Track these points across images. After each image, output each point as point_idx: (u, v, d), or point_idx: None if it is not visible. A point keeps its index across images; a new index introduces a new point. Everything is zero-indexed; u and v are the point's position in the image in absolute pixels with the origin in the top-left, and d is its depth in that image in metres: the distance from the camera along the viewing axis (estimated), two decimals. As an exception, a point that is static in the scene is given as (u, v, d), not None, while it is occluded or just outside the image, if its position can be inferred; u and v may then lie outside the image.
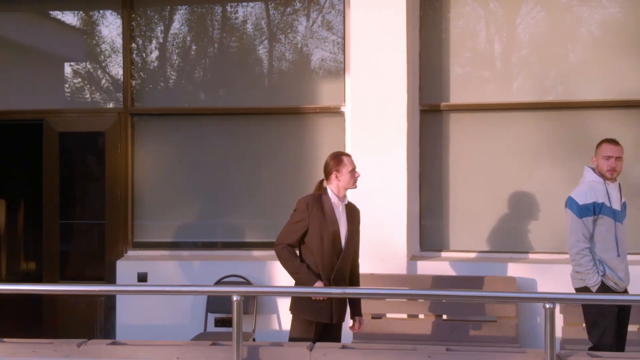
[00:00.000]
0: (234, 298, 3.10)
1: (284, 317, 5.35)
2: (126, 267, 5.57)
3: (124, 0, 5.85)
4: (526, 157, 5.44)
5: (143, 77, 5.95)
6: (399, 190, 5.18)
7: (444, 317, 5.08)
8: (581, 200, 4.10)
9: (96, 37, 6.05)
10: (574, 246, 4.11)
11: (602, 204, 4.08)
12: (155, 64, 5.97)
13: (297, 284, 3.86)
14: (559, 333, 4.83)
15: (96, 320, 5.79)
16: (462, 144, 5.53)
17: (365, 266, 5.10)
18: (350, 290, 3.74)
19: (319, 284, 3.76)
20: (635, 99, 5.25)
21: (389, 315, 5.11)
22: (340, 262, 3.88)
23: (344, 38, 5.55)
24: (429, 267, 5.26)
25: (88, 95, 6.08)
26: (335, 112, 5.56)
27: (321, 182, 4.08)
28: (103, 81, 6.08)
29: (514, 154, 5.46)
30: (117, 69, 5.94)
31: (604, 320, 4.07)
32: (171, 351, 3.22)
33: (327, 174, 4.00)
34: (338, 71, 5.62)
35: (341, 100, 5.54)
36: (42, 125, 5.86)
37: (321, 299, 3.76)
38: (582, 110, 5.37)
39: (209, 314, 5.29)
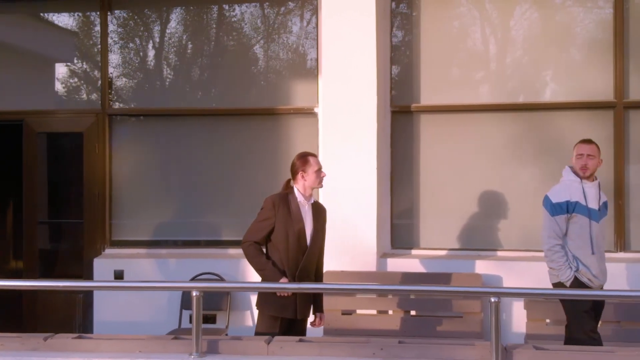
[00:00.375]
0: (194, 294, 3.21)
1: (257, 314, 5.47)
2: (103, 265, 5.66)
3: (102, 2, 5.94)
4: (494, 158, 5.56)
5: (120, 78, 6.06)
6: (369, 189, 5.29)
7: (412, 312, 5.21)
8: (555, 199, 4.20)
9: (75, 39, 6.14)
10: (546, 243, 4.22)
11: (577, 202, 4.15)
12: (133, 66, 6.07)
13: (263, 280, 3.97)
14: (523, 328, 5.03)
15: (75, 316, 5.90)
16: (433, 144, 5.65)
17: (336, 264, 5.27)
18: (307, 286, 3.84)
19: (283, 280, 3.88)
20: (600, 100, 5.38)
21: (359, 311, 5.23)
22: (305, 260, 3.99)
23: (317, 41, 5.66)
24: (398, 265, 5.37)
25: (67, 97, 6.17)
26: (309, 113, 5.67)
27: (288, 181, 4.19)
28: (81, 82, 6.18)
29: (483, 154, 5.58)
30: (95, 71, 6.04)
31: (583, 314, 4.13)
32: (133, 345, 3.32)
33: (294, 173, 4.11)
34: (312, 73, 5.72)
35: (315, 101, 5.65)
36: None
37: (286, 294, 3.88)
38: (548, 111, 5.51)
39: (184, 311, 5.39)
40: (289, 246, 3.93)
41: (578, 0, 5.50)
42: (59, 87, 6.21)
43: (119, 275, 5.55)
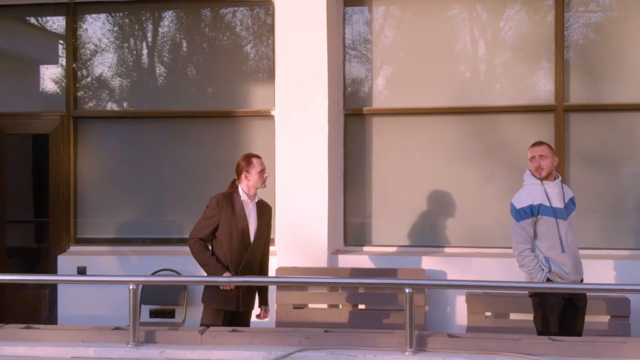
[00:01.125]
0: (130, 287, 3.43)
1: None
2: (67, 262, 5.86)
3: (67, 7, 6.14)
4: (443, 158, 5.77)
5: (85, 82, 6.25)
6: (320, 189, 5.49)
7: (361, 306, 5.43)
8: (518, 205, 4.27)
9: (41, 44, 6.34)
10: (515, 248, 4.29)
11: (540, 204, 4.22)
12: (97, 70, 6.25)
13: (208, 275, 4.19)
14: (464, 321, 5.26)
15: (41, 311, 6.10)
16: (385, 146, 5.86)
17: (289, 260, 5.50)
18: (250, 279, 4.06)
19: (226, 274, 4.09)
20: (541, 104, 5.61)
21: (310, 305, 5.45)
22: (249, 255, 4.20)
23: (273, 46, 5.87)
24: (349, 261, 5.59)
25: (33, 99, 6.34)
26: (266, 116, 5.87)
27: (234, 181, 4.40)
28: (47, 86, 6.36)
29: (432, 155, 5.79)
30: (61, 74, 6.23)
31: (547, 311, 4.22)
32: (77, 335, 3.53)
33: (238, 173, 4.32)
34: (269, 77, 5.90)
35: (271, 104, 5.84)
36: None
37: (228, 288, 4.09)
38: (493, 114, 5.71)
39: (143, 305, 5.59)
40: (233, 243, 4.14)
41: (522, 8, 5.73)
42: (26, 90, 6.39)
43: (82, 272, 5.75)
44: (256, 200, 4.33)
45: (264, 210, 4.37)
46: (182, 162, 6.06)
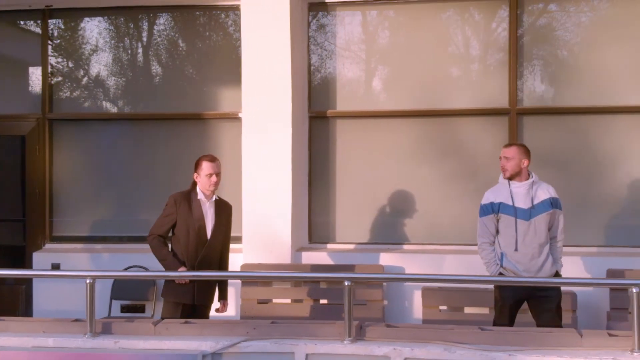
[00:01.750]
0: (87, 281, 3.62)
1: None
2: (42, 259, 6.05)
3: (43, 13, 6.32)
4: (403, 159, 5.97)
5: (60, 85, 6.43)
6: (284, 188, 5.67)
7: (323, 301, 5.62)
8: (483, 201, 4.48)
9: (18, 48, 6.52)
10: (477, 241, 4.51)
11: (501, 203, 4.39)
12: (71, 74, 6.44)
13: (165, 270, 4.38)
14: (420, 314, 5.47)
15: (18, 306, 6.28)
16: (348, 147, 6.06)
17: (255, 257, 5.69)
18: (202, 274, 4.26)
19: (182, 269, 4.29)
20: (495, 107, 5.81)
21: (275, 300, 5.64)
22: (205, 252, 4.39)
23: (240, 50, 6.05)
24: (312, 258, 5.78)
25: (10, 102, 6.50)
26: (234, 118, 6.05)
27: (194, 180, 4.60)
28: (24, 89, 6.54)
29: (393, 156, 5.99)
30: (36, 78, 6.41)
31: (498, 304, 4.44)
32: (38, 326, 3.71)
33: (195, 174, 4.51)
34: (237, 80, 6.00)
35: (239, 107, 6.02)
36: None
37: (183, 282, 4.29)
38: (450, 117, 5.91)
39: (114, 301, 5.79)
40: (189, 239, 4.34)
41: (478, 16, 5.94)
42: (2, 93, 6.55)
43: (55, 268, 5.92)
44: (214, 199, 4.51)
45: (223, 209, 4.55)
46: (153, 163, 6.26)
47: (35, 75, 6.44)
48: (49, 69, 6.35)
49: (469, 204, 5.84)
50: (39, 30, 6.38)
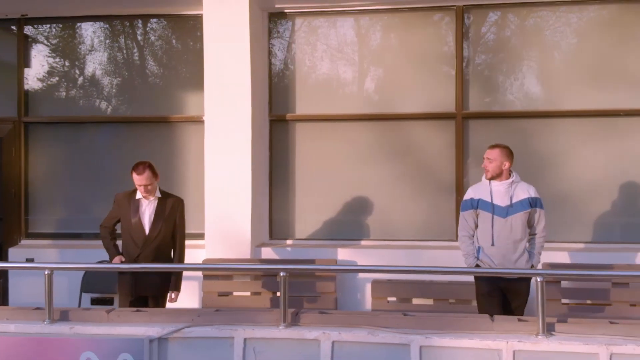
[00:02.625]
0: (45, 272, 3.91)
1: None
2: (17, 254, 6.32)
3: (18, 22, 6.59)
4: (358, 160, 6.25)
5: (35, 90, 6.70)
6: (244, 188, 5.93)
7: (279, 294, 5.90)
8: (464, 197, 4.71)
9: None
10: (458, 234, 4.73)
11: (480, 199, 4.59)
12: (46, 78, 6.71)
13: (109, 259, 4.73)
14: (370, 305, 5.78)
15: (-6, 299, 6.56)
16: (307, 149, 6.34)
17: (216, 252, 5.96)
18: (137, 266, 4.57)
19: (116, 259, 4.65)
20: (443, 111, 6.10)
21: (235, 293, 5.93)
22: (145, 245, 4.68)
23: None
24: (271, 253, 6.07)
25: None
26: (198, 121, 6.32)
27: None
28: (1, 94, 6.77)
29: (349, 157, 6.27)
30: (12, 83, 6.66)
31: (479, 298, 4.67)
32: (2, 313, 4.00)
33: None
34: (201, 85, 6.17)
35: (203, 111, 6.27)
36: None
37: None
38: (402, 120, 6.19)
39: (83, 294, 6.06)
40: (130, 235, 4.69)
41: (426, 25, 6.22)
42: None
43: (30, 260, 6.21)
44: (158, 196, 4.77)
45: (166, 206, 4.78)
46: (122, 164, 6.47)
47: (11, 80, 6.69)
48: (25, 75, 6.62)
49: (419, 202, 6.19)
50: (14, 39, 6.64)
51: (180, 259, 4.90)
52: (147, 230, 4.69)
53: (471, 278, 5.19)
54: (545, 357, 3.52)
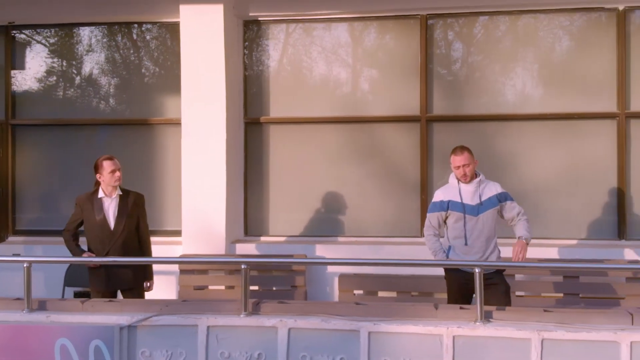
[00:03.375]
0: (24, 265, 4.17)
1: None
2: (4, 250, 6.54)
3: (6, 29, 6.85)
4: (329, 161, 6.52)
5: (21, 93, 6.96)
6: (219, 187, 6.20)
7: (254, 287, 6.17)
8: (434, 199, 4.79)
9: (-17, 61, 7.07)
10: (424, 233, 4.79)
11: (449, 200, 4.67)
12: (32, 83, 6.97)
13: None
14: (337, 298, 6.05)
15: (-17, 293, 6.80)
16: (281, 150, 6.60)
17: (193, 248, 6.22)
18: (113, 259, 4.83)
19: (85, 255, 4.89)
20: (409, 114, 6.38)
21: (210, 287, 6.20)
22: (112, 241, 4.89)
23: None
24: (245, 249, 6.33)
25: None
26: (177, 124, 6.56)
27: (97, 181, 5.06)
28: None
29: (321, 157, 6.54)
30: (0, 87, 6.92)
31: (450, 295, 4.78)
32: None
33: (96, 174, 5.01)
34: (179, 89, 6.43)
35: (181, 113, 6.55)
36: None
37: (94, 266, 4.90)
38: (370, 123, 6.46)
39: (67, 288, 6.31)
40: (96, 233, 4.90)
41: (392, 32, 6.50)
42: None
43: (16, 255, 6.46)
44: (119, 193, 4.99)
45: (128, 201, 4.99)
46: (106, 164, 6.79)
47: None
48: (12, 80, 6.88)
49: (386, 200, 6.47)
50: (2, 45, 6.90)
51: (148, 251, 5.13)
52: (112, 226, 4.91)
53: (433, 272, 5.50)
54: (481, 341, 3.79)
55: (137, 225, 5.05)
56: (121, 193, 5.03)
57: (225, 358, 4.00)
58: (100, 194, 4.97)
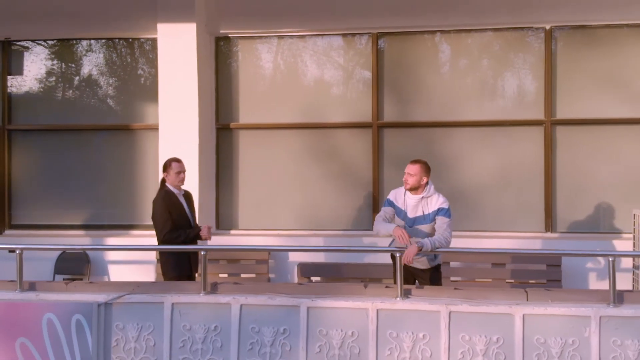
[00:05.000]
0: (17, 252, 4.78)
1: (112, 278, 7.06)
2: (1, 242, 7.19)
3: (2, 44, 7.45)
4: (292, 162, 7.13)
5: (17, 102, 7.55)
6: (193, 186, 6.69)
7: (223, 275, 6.80)
8: (388, 196, 5.10)
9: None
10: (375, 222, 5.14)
11: (395, 204, 5.02)
12: (26, 93, 7.57)
13: (186, 240, 5.33)
14: (298, 284, 6.65)
15: (-18, 282, 7.39)
16: (250, 152, 7.21)
17: (169, 240, 6.82)
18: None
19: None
20: (361, 121, 6.98)
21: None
22: (189, 231, 5.39)
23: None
24: (217, 241, 6.93)
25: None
26: (155, 129, 7.11)
27: (163, 180, 5.51)
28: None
29: (284, 159, 7.14)
30: (-3, 95, 7.57)
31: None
32: (-23, 285, 4.88)
33: (163, 172, 5.48)
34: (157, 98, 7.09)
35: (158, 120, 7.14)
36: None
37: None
38: (328, 129, 7.08)
39: (57, 275, 6.93)
40: (181, 223, 5.35)
41: (346, 47, 7.12)
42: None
43: (12, 250, 7.04)
44: (182, 192, 5.49)
45: (188, 198, 5.56)
46: (92, 165, 7.40)
47: (-3, 92, 7.58)
48: (8, 89, 7.49)
49: (342, 198, 7.09)
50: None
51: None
52: (189, 217, 5.44)
53: (382, 260, 6.10)
54: (400, 313, 4.40)
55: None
56: (183, 192, 5.48)
57: (187, 330, 4.61)
58: (172, 190, 5.36)
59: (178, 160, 5.46)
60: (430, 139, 6.98)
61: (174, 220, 5.31)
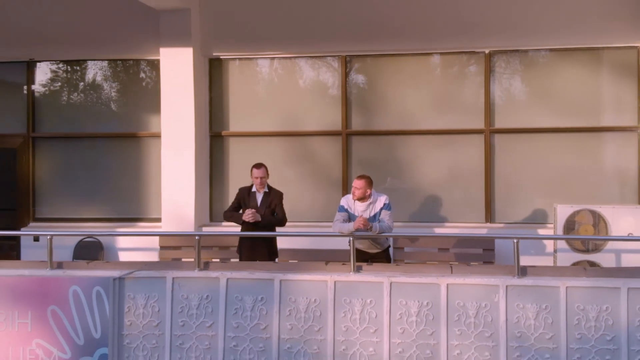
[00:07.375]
0: (48, 237, 5.73)
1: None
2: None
3: (27, 64, 8.34)
4: (274, 165, 7.66)
5: (40, 112, 8.42)
6: (189, 184, 7.70)
7: (216, 260, 7.74)
8: (340, 202, 5.92)
9: (8, 84, 8.51)
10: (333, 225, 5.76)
11: (348, 210, 5.83)
12: (48, 105, 8.44)
13: (234, 220, 6.31)
14: (277, 267, 7.60)
15: (10, 267, 8.30)
16: (237, 156, 8.07)
17: (170, 229, 7.77)
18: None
19: (249, 210, 6.14)
20: (331, 129, 7.85)
21: (183, 259, 7.74)
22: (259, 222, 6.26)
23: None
24: (209, 230, 7.93)
25: (5, 124, 8.45)
26: (158, 136, 7.95)
27: None
28: (15, 114, 8.44)
29: (267, 162, 7.36)
30: (23, 108, 8.41)
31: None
32: (21, 265, 5.79)
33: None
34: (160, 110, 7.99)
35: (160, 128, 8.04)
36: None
37: (253, 220, 6.14)
38: (305, 136, 7.95)
39: (74, 260, 7.86)
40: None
41: (320, 67, 7.99)
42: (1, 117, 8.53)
43: (36, 239, 7.99)
44: (265, 191, 6.32)
45: (269, 196, 6.31)
46: (104, 167, 8.27)
47: (23, 105, 8.43)
48: (33, 101, 8.39)
49: (317, 195, 7.98)
50: (25, 75, 8.40)
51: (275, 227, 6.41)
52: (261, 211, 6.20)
53: (343, 247, 6.94)
54: (353, 285, 5.25)
55: (272, 212, 6.29)
56: (267, 190, 6.35)
57: (185, 299, 5.50)
58: (253, 188, 6.32)
59: (257, 167, 6.24)
60: (391, 145, 7.87)
61: (236, 207, 6.35)
